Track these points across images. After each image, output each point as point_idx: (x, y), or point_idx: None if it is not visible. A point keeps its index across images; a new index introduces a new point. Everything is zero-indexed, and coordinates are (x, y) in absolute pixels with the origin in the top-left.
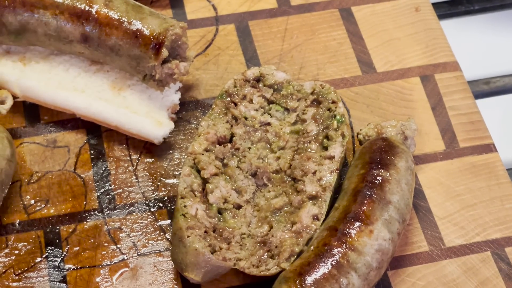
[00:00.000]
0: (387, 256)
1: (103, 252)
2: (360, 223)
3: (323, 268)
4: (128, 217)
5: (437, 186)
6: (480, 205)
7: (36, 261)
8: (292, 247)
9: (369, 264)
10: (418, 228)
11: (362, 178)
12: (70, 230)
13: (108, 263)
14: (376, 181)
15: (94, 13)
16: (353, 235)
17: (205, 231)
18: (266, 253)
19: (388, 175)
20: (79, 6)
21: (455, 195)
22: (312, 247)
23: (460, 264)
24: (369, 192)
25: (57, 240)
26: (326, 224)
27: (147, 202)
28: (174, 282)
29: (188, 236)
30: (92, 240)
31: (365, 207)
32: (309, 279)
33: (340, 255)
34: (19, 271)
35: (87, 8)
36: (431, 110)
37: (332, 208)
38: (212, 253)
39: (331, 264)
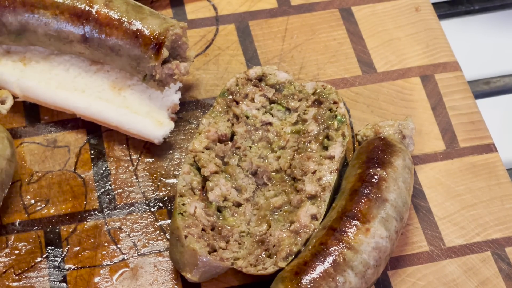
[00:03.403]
0: (385, 254)
1: (103, 252)
2: (356, 222)
3: (320, 267)
4: (128, 217)
5: (437, 186)
6: (480, 205)
7: (36, 261)
8: (290, 247)
9: (366, 262)
10: (418, 228)
11: (359, 177)
12: (70, 230)
13: (108, 263)
14: (373, 180)
15: (94, 13)
16: (349, 234)
17: (203, 229)
18: (263, 252)
19: (384, 173)
20: (79, 6)
21: (455, 195)
22: (309, 247)
23: (460, 264)
24: (365, 191)
25: (57, 240)
26: (323, 223)
27: (147, 202)
28: (175, 282)
29: (185, 236)
30: (92, 240)
31: (361, 206)
32: (306, 278)
33: (337, 253)
34: (19, 271)
35: (87, 8)
36: (431, 110)
37: (330, 208)
38: (210, 253)
39: (328, 262)
